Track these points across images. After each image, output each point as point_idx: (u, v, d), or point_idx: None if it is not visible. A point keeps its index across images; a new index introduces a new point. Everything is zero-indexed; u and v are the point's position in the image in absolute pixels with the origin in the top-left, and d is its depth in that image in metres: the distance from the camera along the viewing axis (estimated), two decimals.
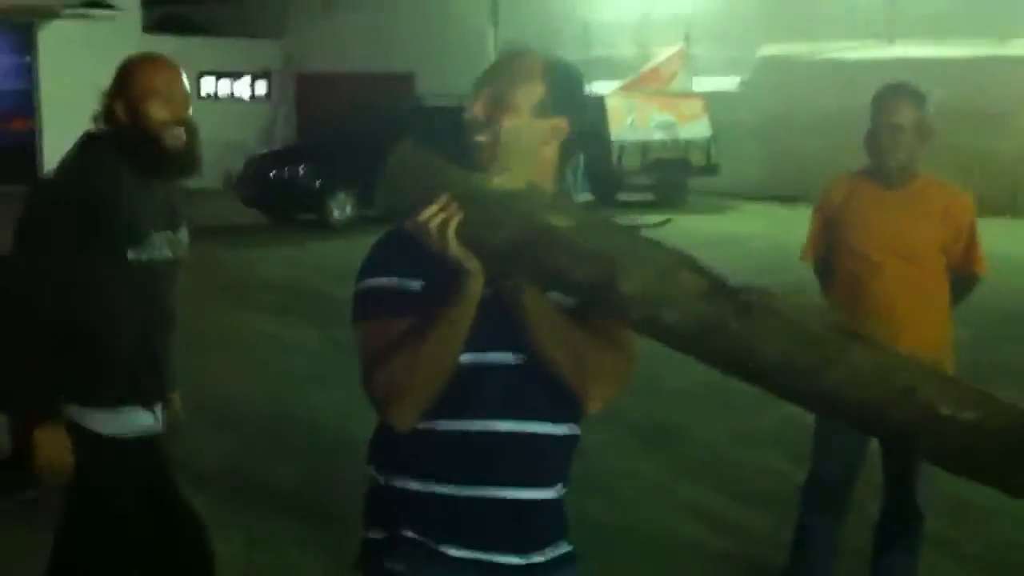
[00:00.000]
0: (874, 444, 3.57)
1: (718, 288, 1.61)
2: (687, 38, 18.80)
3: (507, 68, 1.87)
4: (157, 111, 2.77)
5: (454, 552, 1.85)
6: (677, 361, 1.92)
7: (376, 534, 1.91)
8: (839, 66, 16.97)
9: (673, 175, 17.85)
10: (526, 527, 1.89)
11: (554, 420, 1.89)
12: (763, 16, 18.88)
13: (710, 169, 17.91)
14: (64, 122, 19.11)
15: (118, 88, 2.83)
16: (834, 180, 3.63)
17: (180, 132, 2.80)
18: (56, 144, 18.96)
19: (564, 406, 1.88)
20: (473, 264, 1.72)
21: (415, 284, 1.80)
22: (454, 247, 1.69)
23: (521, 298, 1.76)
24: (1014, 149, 15.95)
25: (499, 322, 1.78)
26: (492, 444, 1.84)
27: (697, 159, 17.95)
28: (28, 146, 19.45)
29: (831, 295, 3.58)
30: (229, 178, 14.90)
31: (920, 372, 1.63)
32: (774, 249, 9.91)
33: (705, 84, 18.92)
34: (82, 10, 18.06)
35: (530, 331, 1.78)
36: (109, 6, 18.16)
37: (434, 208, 1.68)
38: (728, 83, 19.37)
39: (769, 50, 18.96)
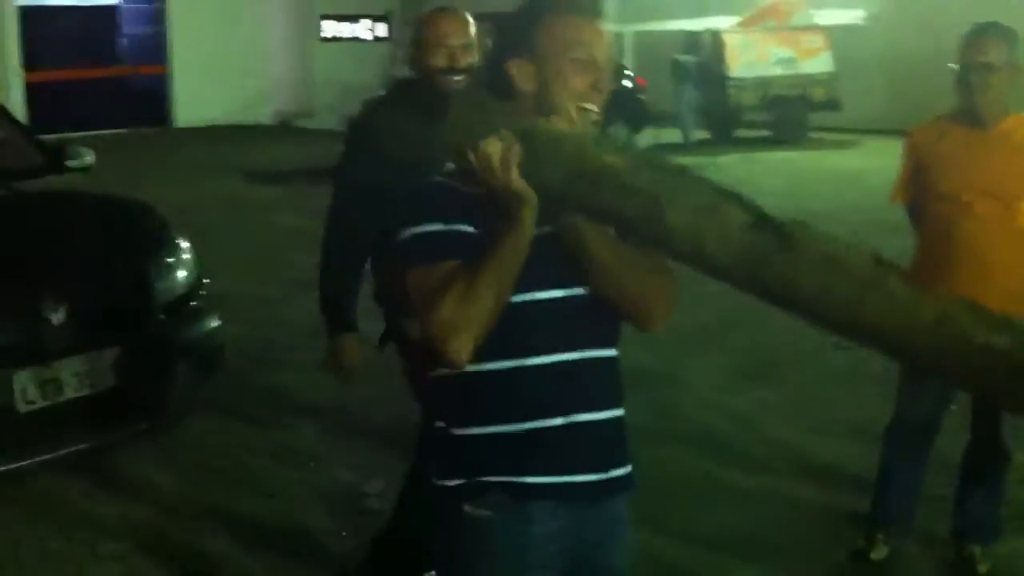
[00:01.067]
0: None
1: (761, 221, 1.69)
2: None
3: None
4: (435, 59, 3.06)
5: (533, 480, 1.93)
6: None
7: (452, 481, 1.96)
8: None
9: (793, 111, 17.53)
10: (601, 446, 2.00)
11: (607, 345, 2.01)
12: None
13: (832, 104, 17.52)
14: (193, 66, 19.89)
15: (413, 38, 3.19)
16: (924, 123, 3.63)
17: (458, 78, 3.06)
18: (186, 88, 19.69)
19: (614, 330, 2.02)
20: (531, 196, 1.78)
21: (463, 226, 1.87)
22: (516, 180, 1.76)
23: (581, 230, 1.84)
24: None
25: (547, 261, 1.87)
26: (555, 375, 1.93)
27: (818, 95, 17.57)
28: (159, 90, 20.13)
29: (922, 236, 3.62)
30: (346, 120, 15.16)
31: (954, 302, 1.70)
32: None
33: (828, 18, 18.46)
34: None
35: (591, 262, 1.87)
36: None
37: (497, 142, 1.76)
38: (852, 16, 18.84)
39: None
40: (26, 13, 18.38)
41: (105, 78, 19.91)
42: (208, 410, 4.94)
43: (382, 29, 23.55)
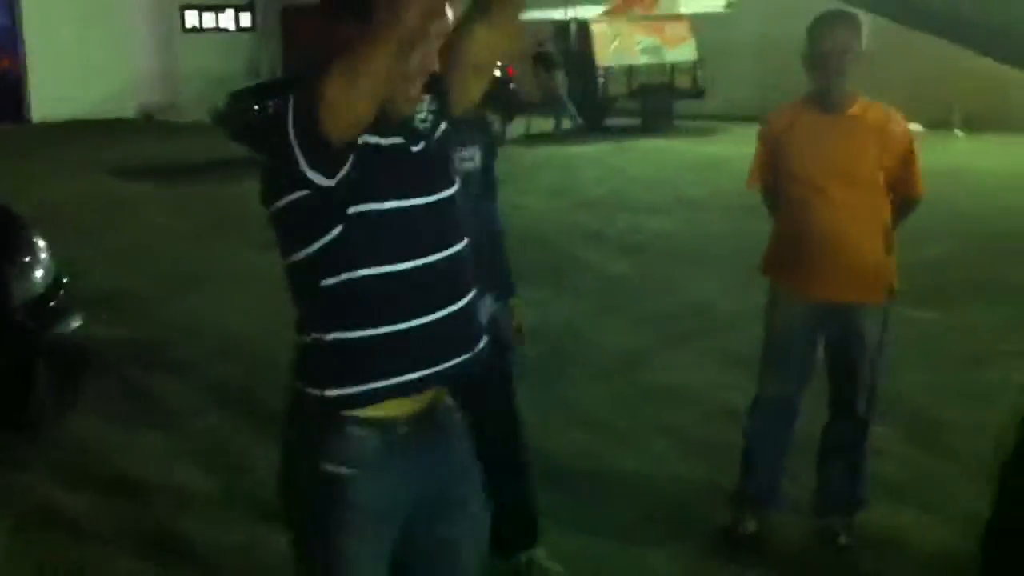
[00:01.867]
0: (819, 362, 3.77)
1: None
2: None
3: None
4: None
5: (413, 375, 2.02)
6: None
7: (330, 391, 2.02)
8: None
9: (659, 99, 17.87)
10: (469, 328, 2.12)
11: (461, 241, 2.11)
12: None
13: (697, 93, 17.91)
14: (50, 59, 19.20)
15: None
16: (777, 109, 3.72)
17: None
18: (43, 82, 19.00)
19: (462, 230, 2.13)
20: None
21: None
22: None
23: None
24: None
25: (426, 172, 2.02)
26: (427, 276, 2.02)
27: (684, 82, 17.95)
28: (15, 83, 19.39)
29: (778, 220, 3.73)
30: (215, 112, 14.88)
31: None
32: None
33: (692, 6, 18.85)
34: None
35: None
36: None
37: None
38: (715, 4, 19.27)
39: None
40: None
41: None
42: (84, 410, 4.79)
43: (246, 19, 23.14)
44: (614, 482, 4.42)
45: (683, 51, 17.99)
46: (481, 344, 2.14)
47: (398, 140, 2.01)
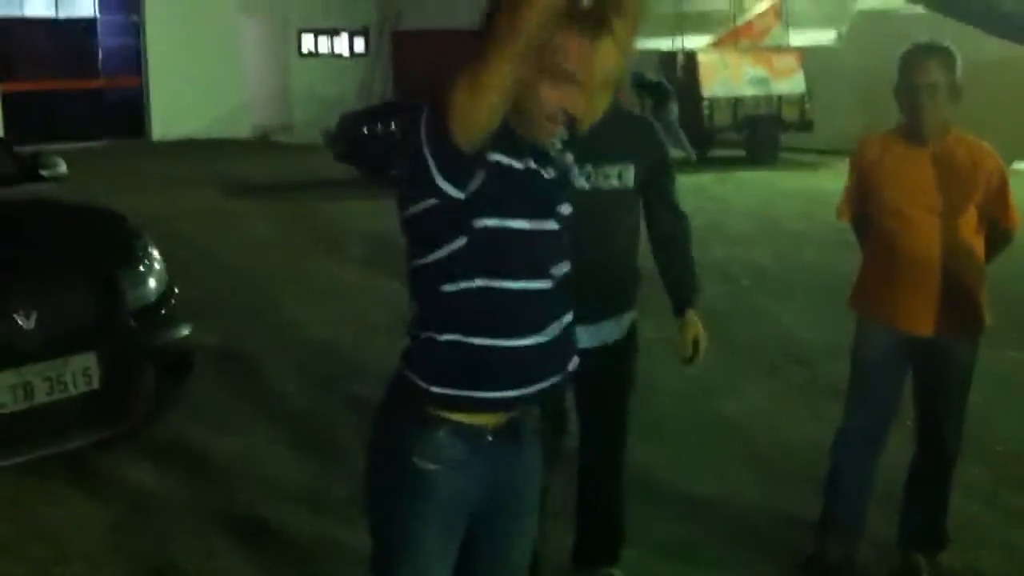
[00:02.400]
0: (907, 393, 3.76)
1: None
2: None
3: None
4: None
5: (513, 393, 2.17)
6: None
7: (438, 388, 2.16)
8: (939, 19, 16.62)
9: (765, 131, 17.73)
10: (567, 351, 2.27)
11: (568, 265, 2.26)
12: None
13: (804, 125, 17.74)
14: (170, 79, 19.89)
15: None
16: (866, 139, 3.74)
17: None
18: (163, 101, 19.72)
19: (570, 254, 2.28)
20: None
21: None
22: None
23: None
24: None
25: (550, 196, 2.16)
26: (540, 298, 2.18)
27: (791, 114, 17.79)
28: (136, 103, 20.15)
29: (867, 251, 3.74)
30: (325, 134, 15.28)
31: None
32: None
33: (801, 38, 18.71)
34: None
35: None
36: None
37: None
38: (824, 37, 19.10)
39: (866, 3, 18.65)
40: (3, 25, 18.39)
41: (82, 90, 19.91)
42: (180, 415, 5.01)
43: (360, 44, 23.67)
44: (692, 506, 4.46)
45: (791, 83, 17.82)
46: (573, 365, 2.28)
47: (531, 164, 2.15)
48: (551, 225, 2.19)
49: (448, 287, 2.12)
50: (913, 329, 3.57)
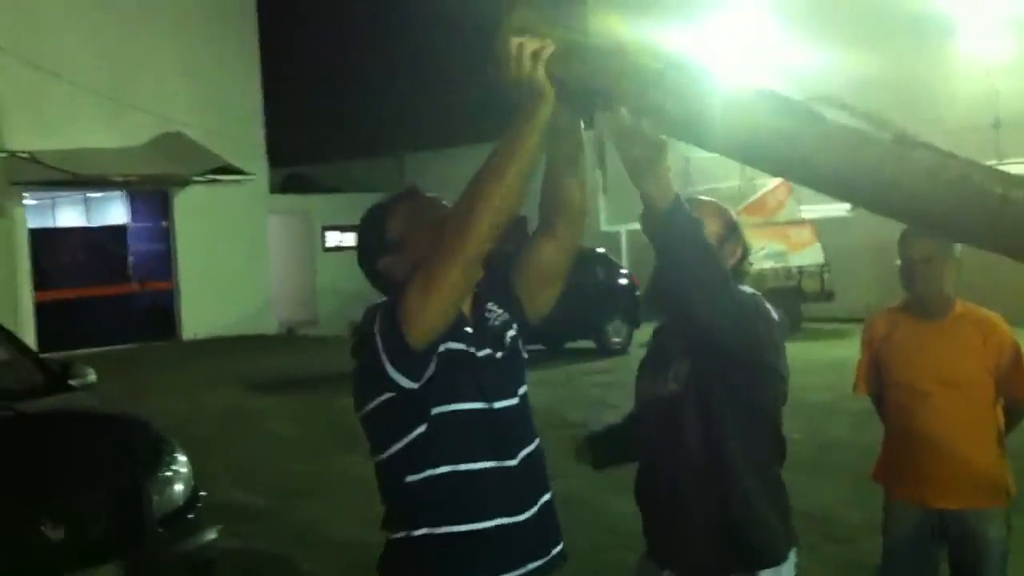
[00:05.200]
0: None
1: (792, 105, 1.82)
2: None
3: None
4: None
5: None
6: None
7: None
8: None
9: (787, 303, 17.83)
10: (548, 532, 2.25)
11: (535, 440, 2.29)
12: None
13: (825, 295, 17.88)
14: (199, 281, 20.36)
15: None
16: (874, 316, 3.79)
17: None
18: (192, 302, 20.12)
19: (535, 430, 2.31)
20: (550, 94, 1.95)
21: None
22: (540, 73, 1.92)
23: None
24: None
25: (502, 376, 2.18)
26: (508, 476, 2.17)
27: (811, 286, 17.95)
28: (167, 305, 20.56)
29: (887, 425, 3.74)
30: (353, 327, 15.48)
31: (973, 165, 1.78)
32: None
33: (814, 211, 19.01)
34: (213, 176, 19.23)
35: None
36: (240, 171, 19.29)
37: (534, 39, 1.93)
38: (837, 208, 19.39)
39: None
40: (37, 235, 19.00)
41: (114, 295, 20.37)
42: None
43: None
44: None
45: (809, 255, 18.04)
46: (558, 549, 2.26)
47: (484, 349, 2.20)
48: (509, 402, 2.22)
49: (412, 477, 2.15)
50: (939, 504, 3.53)
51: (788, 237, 18.15)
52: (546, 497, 2.26)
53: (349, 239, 23.93)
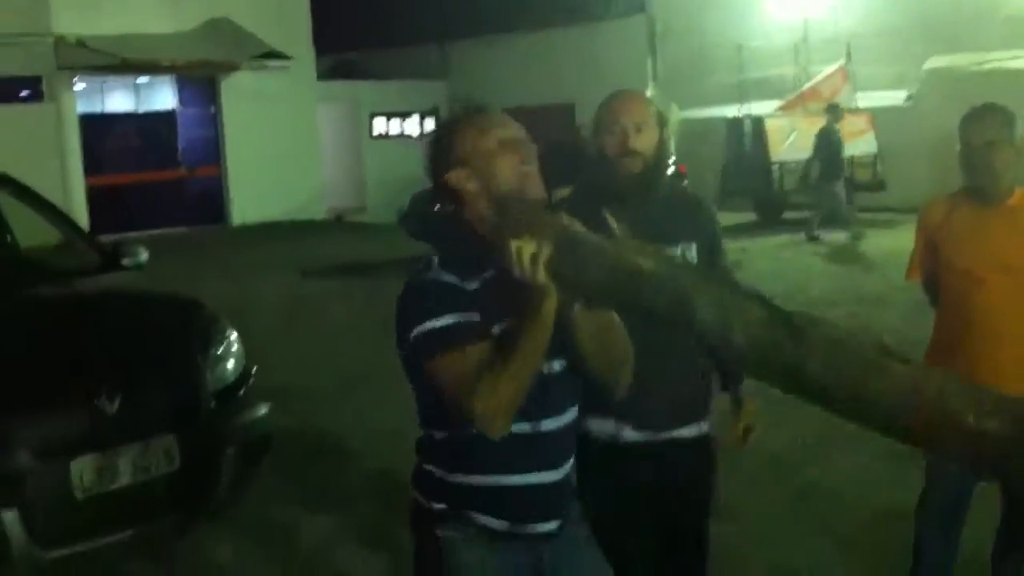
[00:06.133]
0: None
1: (775, 316, 1.84)
2: (849, 55, 18.59)
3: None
4: (608, 142, 3.11)
5: (497, 526, 2.24)
6: None
7: (437, 505, 2.27)
8: (1008, 76, 16.47)
9: None
10: (560, 498, 2.30)
11: (574, 408, 2.32)
12: (927, 29, 18.52)
13: (877, 185, 17.59)
14: (248, 167, 20.45)
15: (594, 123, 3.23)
16: (932, 201, 3.71)
17: (632, 161, 3.07)
18: (242, 187, 20.24)
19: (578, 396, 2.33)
20: (551, 290, 1.99)
21: (473, 316, 2.11)
22: (540, 275, 1.95)
23: (575, 315, 2.08)
24: None
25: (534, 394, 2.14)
26: (547, 439, 2.23)
27: (863, 176, 17.65)
28: (216, 190, 20.71)
29: (939, 312, 3.69)
30: (400, 213, 15.52)
31: (953, 384, 1.80)
32: None
33: (870, 100, 18.63)
34: (260, 62, 19.14)
35: (578, 341, 2.14)
36: (285, 56, 19.18)
37: (531, 242, 1.95)
38: (894, 98, 19.00)
39: (935, 62, 18.55)
40: (87, 121, 19.10)
41: (163, 180, 20.53)
42: (261, 495, 5.07)
43: (430, 125, 24.12)
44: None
45: (862, 144, 17.71)
46: (568, 512, 2.34)
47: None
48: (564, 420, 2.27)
49: (440, 435, 2.27)
50: (994, 387, 3.50)
51: (842, 126, 17.82)
52: (569, 465, 2.34)
53: (395, 126, 23.86)
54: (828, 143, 15.57)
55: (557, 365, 2.21)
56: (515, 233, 1.98)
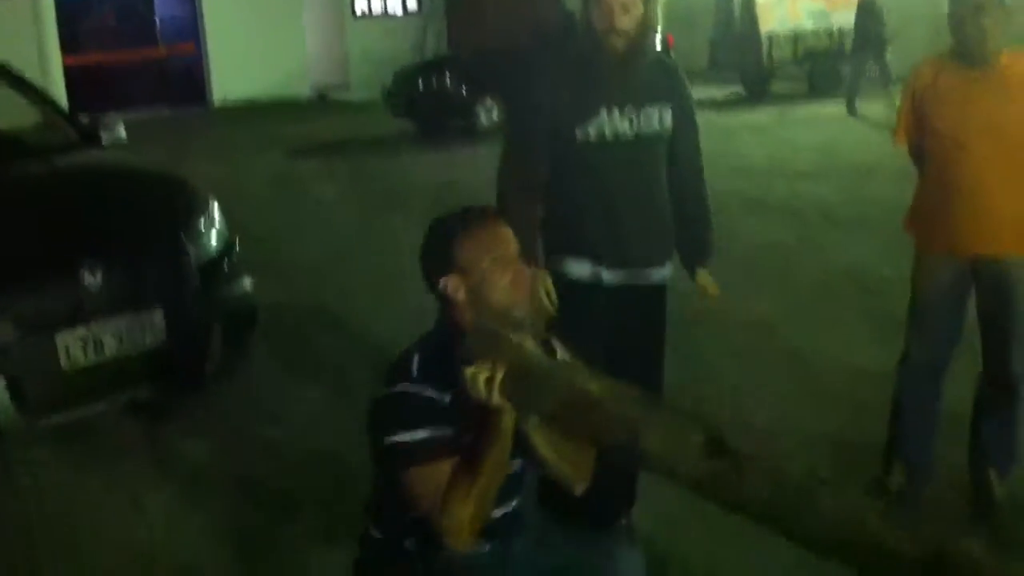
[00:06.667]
0: (971, 316, 3.70)
1: (721, 449, 1.85)
2: None
3: None
4: (596, 19, 3.21)
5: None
6: None
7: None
8: None
9: (826, 64, 17.49)
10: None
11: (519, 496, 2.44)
12: None
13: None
14: (228, 45, 20.05)
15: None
16: (920, 63, 3.65)
17: (616, 38, 3.20)
18: (222, 66, 19.91)
19: None
20: (508, 408, 2.05)
21: (446, 430, 2.17)
22: (495, 397, 2.02)
23: (532, 427, 2.13)
24: None
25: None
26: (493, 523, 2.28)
27: (851, 46, 17.43)
28: (196, 67, 20.37)
29: (923, 176, 3.67)
30: (384, 91, 15.34)
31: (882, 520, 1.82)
32: None
33: None
34: None
35: (536, 448, 2.19)
36: None
37: (485, 368, 2.01)
38: None
39: None
40: (62, 1, 18.65)
41: (141, 59, 20.16)
42: (250, 369, 5.11)
43: (413, 3, 23.62)
44: (749, 435, 4.43)
45: (850, 15, 17.44)
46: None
47: None
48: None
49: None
50: (973, 250, 3.51)
51: None
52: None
53: (376, 5, 23.36)
54: (867, 16, 15.32)
55: (515, 465, 2.28)
56: (473, 357, 2.06)
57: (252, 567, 3.71)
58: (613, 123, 3.25)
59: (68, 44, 18.52)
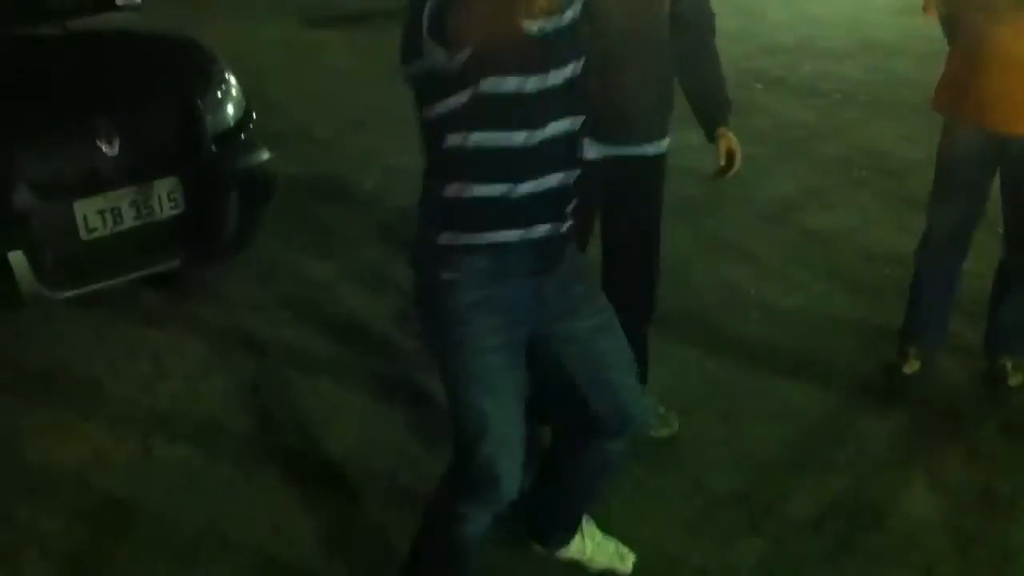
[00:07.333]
0: (994, 192, 3.66)
1: None
2: None
3: None
4: None
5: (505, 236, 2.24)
6: None
7: (440, 241, 2.27)
8: None
9: None
10: (563, 202, 2.30)
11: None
12: None
13: None
14: None
15: None
16: None
17: None
18: None
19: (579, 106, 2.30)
20: None
21: None
22: None
23: None
24: None
25: (538, 54, 2.12)
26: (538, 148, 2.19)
27: None
28: None
29: (954, 48, 3.59)
30: None
31: None
32: None
33: None
34: None
35: None
36: None
37: None
38: None
39: None
40: None
41: None
42: (266, 239, 5.12)
43: None
44: (774, 315, 4.47)
45: None
46: (569, 222, 2.33)
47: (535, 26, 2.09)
48: (552, 81, 2.15)
49: (451, 139, 2.16)
50: (1002, 128, 3.45)
51: None
52: (574, 171, 2.29)
53: None
54: None
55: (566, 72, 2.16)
56: None
57: (268, 420, 3.82)
58: None
59: None
